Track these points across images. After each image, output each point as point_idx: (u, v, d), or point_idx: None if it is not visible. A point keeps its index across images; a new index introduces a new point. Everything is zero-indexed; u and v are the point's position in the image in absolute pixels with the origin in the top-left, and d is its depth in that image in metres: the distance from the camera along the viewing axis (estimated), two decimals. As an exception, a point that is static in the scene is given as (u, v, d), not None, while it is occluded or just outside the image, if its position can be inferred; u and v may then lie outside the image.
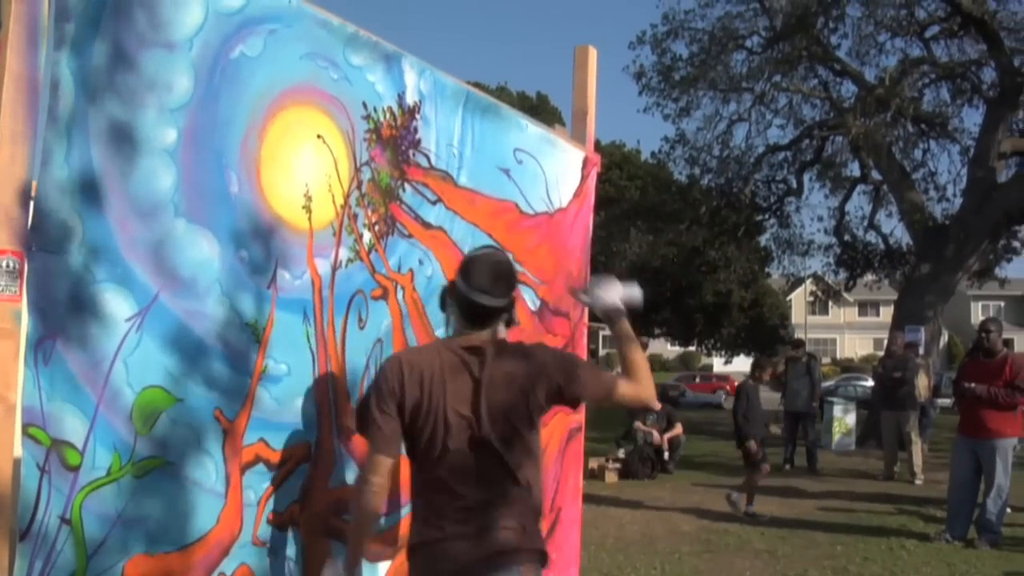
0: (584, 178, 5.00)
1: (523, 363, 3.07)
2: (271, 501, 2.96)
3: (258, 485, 2.90)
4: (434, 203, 3.67)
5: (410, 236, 3.55)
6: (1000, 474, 8.50)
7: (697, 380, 48.30)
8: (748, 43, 24.03)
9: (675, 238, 25.09)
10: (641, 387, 3.26)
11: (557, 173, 4.65)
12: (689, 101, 24.13)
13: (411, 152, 3.56)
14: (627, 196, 32.87)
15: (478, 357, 3.04)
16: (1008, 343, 71.22)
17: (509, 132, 4.28)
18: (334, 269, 3.16)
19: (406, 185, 3.53)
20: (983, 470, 8.74)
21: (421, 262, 3.61)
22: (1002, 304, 75.38)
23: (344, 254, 3.21)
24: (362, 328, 3.30)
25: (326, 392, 3.14)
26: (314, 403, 3.09)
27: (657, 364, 73.11)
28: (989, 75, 23.13)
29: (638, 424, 14.02)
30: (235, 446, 2.79)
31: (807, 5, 21.44)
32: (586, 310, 5.07)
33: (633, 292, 3.45)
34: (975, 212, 20.33)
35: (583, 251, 5.02)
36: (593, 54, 5.20)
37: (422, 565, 3.06)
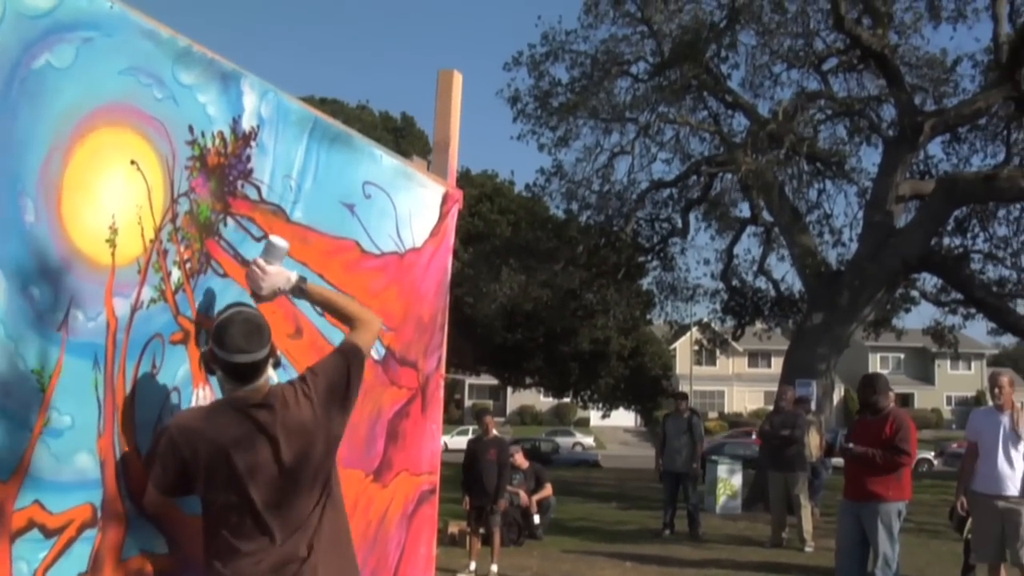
0: (443, 215, 5.02)
1: (309, 403, 3.39)
2: (51, 574, 2.84)
3: (32, 555, 2.76)
4: (259, 239, 3.63)
5: (225, 275, 3.52)
6: (883, 541, 8.69)
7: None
8: (633, 69, 24.50)
9: (549, 279, 25.23)
10: (369, 329, 3.72)
11: (411, 209, 4.67)
12: (568, 130, 24.43)
13: (240, 183, 3.53)
14: (498, 232, 33.06)
15: (268, 411, 3.31)
16: (907, 399, 73.55)
17: (360, 164, 4.28)
18: (133, 310, 3.09)
19: (229, 219, 3.50)
20: (868, 536, 8.94)
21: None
22: (901, 356, 77.88)
23: (147, 294, 3.15)
24: (155, 375, 3.25)
25: (111, 447, 3.06)
26: (98, 460, 3.00)
27: (529, 416, 73.36)
28: (889, 113, 24.03)
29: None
30: (6, 511, 2.67)
31: (698, 30, 21.94)
32: (442, 361, 5.08)
33: (277, 246, 3.56)
34: (871, 258, 20.96)
35: (438, 295, 5.02)
36: (458, 79, 5.23)
37: None
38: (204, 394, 3.46)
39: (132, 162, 3.03)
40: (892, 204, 21.52)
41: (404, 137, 44.45)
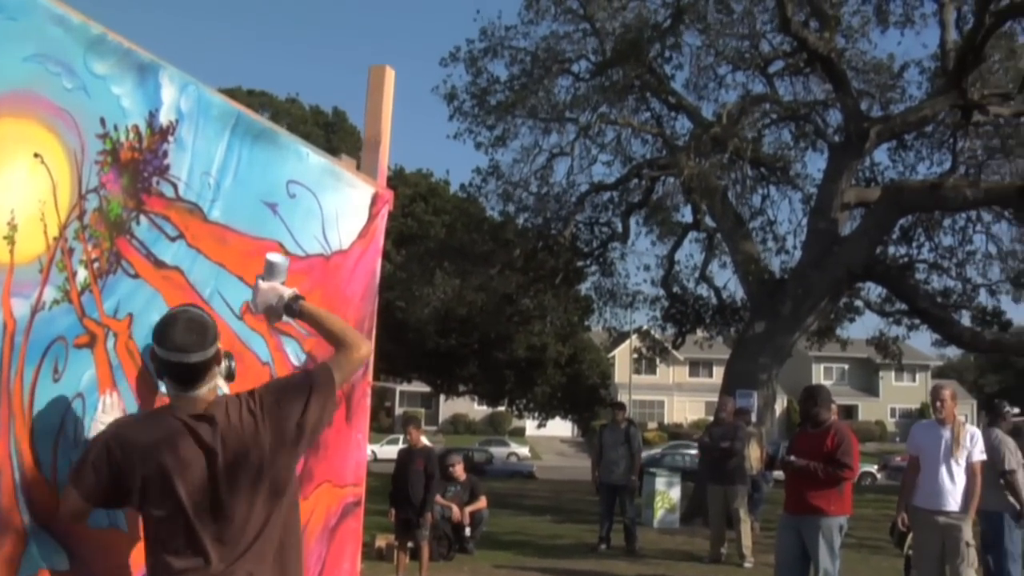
0: (372, 217, 4.98)
1: (252, 420, 3.33)
2: None
3: None
4: (174, 239, 3.57)
5: (137, 276, 3.43)
6: (824, 557, 8.79)
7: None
8: (575, 68, 24.55)
9: (485, 283, 25.18)
10: (351, 355, 3.64)
11: (338, 210, 4.62)
12: (505, 129, 24.42)
13: (155, 179, 3.46)
14: (432, 233, 33.00)
15: (208, 424, 3.26)
16: (851, 411, 74.38)
17: (285, 162, 4.23)
18: (34, 311, 3.00)
19: (142, 217, 3.43)
20: (808, 551, 9.03)
21: (146, 306, 3.49)
22: (846, 367, 78.81)
23: (50, 294, 3.06)
24: (57, 381, 3.15)
25: (8, 457, 2.97)
26: None
27: (462, 425, 73.34)
28: (835, 118, 24.30)
29: (438, 498, 13.92)
30: None
31: (641, 29, 22.02)
32: (370, 368, 5.04)
33: (271, 263, 3.69)
34: (815, 267, 21.14)
35: (365, 299, 4.98)
36: (390, 76, 5.20)
37: None
38: (111, 401, 3.37)
39: (36, 155, 2.96)
40: (837, 211, 21.72)
41: (335, 132, 44.32)
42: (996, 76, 22.67)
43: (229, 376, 3.49)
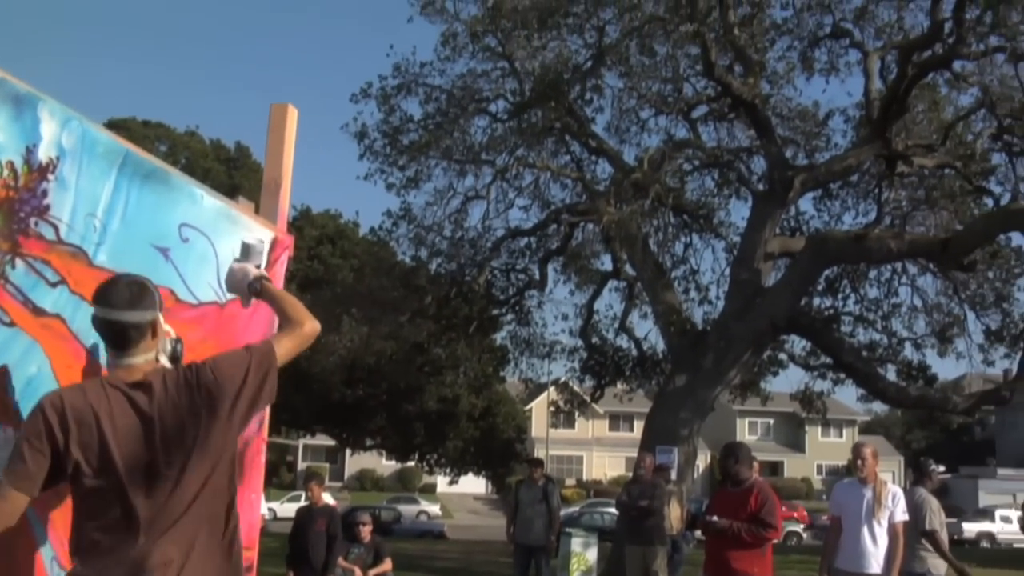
0: (271, 263, 4.92)
1: (189, 391, 3.37)
2: None
3: None
4: (55, 284, 3.49)
5: (12, 324, 3.34)
6: (747, 622, 8.81)
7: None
8: (492, 108, 24.59)
9: (394, 331, 25.09)
10: (294, 330, 3.82)
11: (235, 256, 4.56)
12: (418, 170, 24.35)
13: (33, 220, 3.38)
14: (339, 278, 32.79)
15: (144, 393, 3.32)
16: (776, 467, 75.00)
17: (177, 204, 4.16)
18: None
19: (18, 261, 3.34)
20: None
21: (23, 357, 3.40)
22: (771, 422, 79.57)
23: None
24: None
25: None
26: None
27: (369, 482, 72.71)
28: (759, 165, 24.62)
29: (340, 560, 13.73)
30: None
31: (561, 70, 22.16)
32: (265, 423, 4.98)
33: (246, 244, 4.01)
34: (738, 318, 21.35)
35: (263, 349, 4.91)
36: (293, 115, 5.16)
37: None
38: (6, 436, 3.28)
39: None
40: (760, 261, 21.99)
41: (238, 168, 44.01)
42: (920, 127, 23.20)
43: (174, 358, 3.53)
